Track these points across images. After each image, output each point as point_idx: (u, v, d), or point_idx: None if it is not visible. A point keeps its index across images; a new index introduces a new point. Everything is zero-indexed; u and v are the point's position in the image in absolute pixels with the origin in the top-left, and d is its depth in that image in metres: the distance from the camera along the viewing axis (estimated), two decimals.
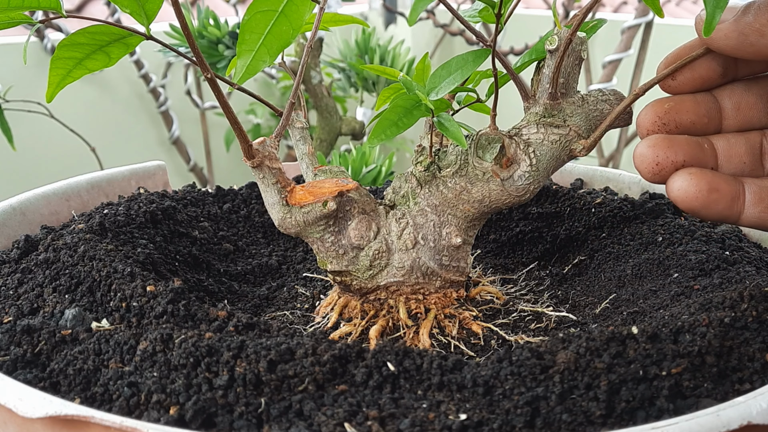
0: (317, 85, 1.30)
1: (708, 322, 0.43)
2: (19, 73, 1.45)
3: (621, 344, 0.41)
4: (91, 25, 0.44)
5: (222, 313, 0.48)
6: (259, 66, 0.45)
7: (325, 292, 0.57)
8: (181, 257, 0.60)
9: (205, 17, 1.19)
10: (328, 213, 0.48)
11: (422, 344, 0.48)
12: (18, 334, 0.45)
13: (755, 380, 0.40)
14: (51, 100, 0.46)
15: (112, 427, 0.35)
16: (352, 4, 2.13)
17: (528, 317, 0.53)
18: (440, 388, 0.40)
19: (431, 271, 0.50)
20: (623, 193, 0.72)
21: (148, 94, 1.72)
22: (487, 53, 0.48)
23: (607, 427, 0.37)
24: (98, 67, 0.46)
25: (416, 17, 0.43)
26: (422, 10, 0.43)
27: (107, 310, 0.49)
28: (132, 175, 0.74)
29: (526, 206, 0.69)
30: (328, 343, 0.42)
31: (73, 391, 0.41)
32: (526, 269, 0.63)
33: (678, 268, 0.54)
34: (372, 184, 0.96)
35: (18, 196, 0.64)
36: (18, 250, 0.57)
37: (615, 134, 1.72)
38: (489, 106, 0.50)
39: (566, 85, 0.49)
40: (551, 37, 0.48)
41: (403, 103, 0.47)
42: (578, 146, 0.49)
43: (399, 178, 0.52)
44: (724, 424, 0.34)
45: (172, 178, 0.78)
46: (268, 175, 0.47)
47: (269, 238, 0.70)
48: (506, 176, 0.49)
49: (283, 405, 0.38)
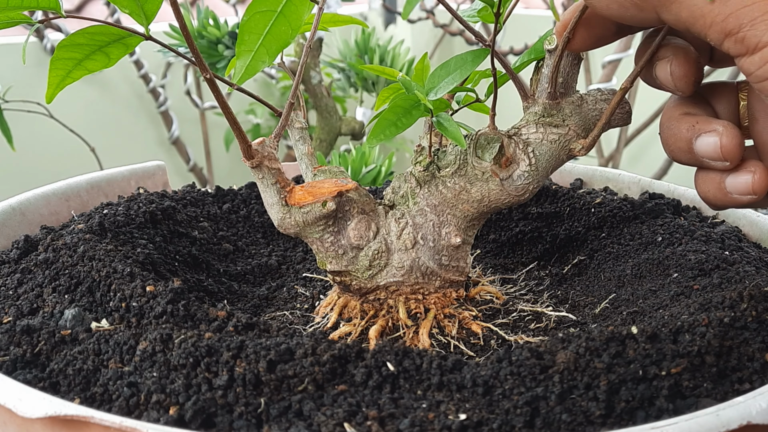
0: (317, 85, 1.30)
1: (707, 322, 0.43)
2: (19, 74, 1.45)
3: (620, 344, 0.41)
4: (90, 25, 0.44)
5: (221, 313, 0.48)
6: (258, 66, 0.45)
7: (325, 292, 0.57)
8: (180, 257, 0.60)
9: (204, 17, 1.19)
10: (328, 213, 0.48)
11: (422, 344, 0.48)
12: (18, 334, 0.45)
13: (755, 380, 0.40)
14: (51, 101, 0.46)
15: (112, 427, 0.35)
16: (352, 4, 2.13)
17: (528, 317, 0.53)
18: (440, 388, 0.40)
19: (431, 271, 0.50)
20: (623, 193, 0.72)
21: (147, 94, 1.72)
22: (486, 53, 0.48)
23: (606, 427, 0.37)
24: (98, 67, 0.46)
25: (410, 11, 0.44)
26: (416, 4, 0.43)
27: (107, 310, 0.49)
28: (132, 175, 0.74)
29: (525, 206, 0.69)
30: (327, 343, 0.42)
31: (72, 392, 0.41)
32: (525, 269, 0.63)
33: (677, 268, 0.54)
34: (371, 184, 0.96)
35: (18, 197, 0.64)
36: (18, 250, 0.57)
37: (614, 134, 1.72)
38: (488, 106, 0.50)
39: (565, 85, 0.49)
40: (550, 36, 0.48)
41: (402, 103, 0.47)
42: (577, 146, 0.49)
43: (398, 178, 0.52)
44: (723, 424, 0.34)
45: (171, 178, 0.78)
46: (267, 176, 0.47)
47: (269, 238, 0.70)
48: (505, 176, 0.49)
49: (283, 405, 0.38)
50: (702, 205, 0.67)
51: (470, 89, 0.51)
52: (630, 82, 0.47)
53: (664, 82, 0.46)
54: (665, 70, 0.46)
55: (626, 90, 0.47)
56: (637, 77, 0.48)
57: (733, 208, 0.64)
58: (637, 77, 0.48)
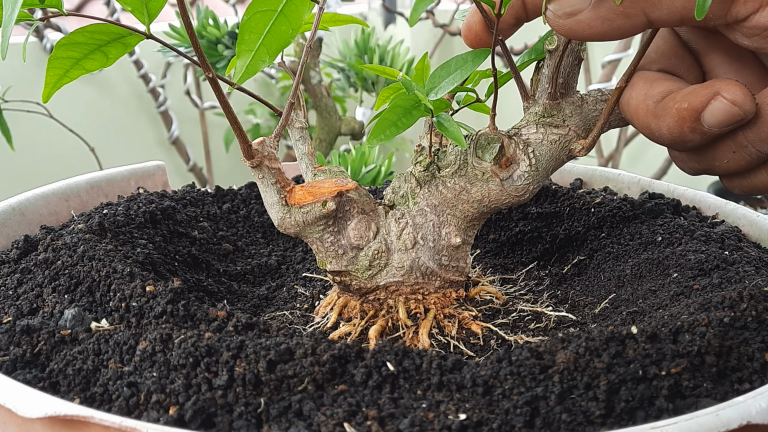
0: (317, 85, 1.30)
1: (707, 322, 0.43)
2: (18, 73, 1.45)
3: (620, 344, 0.41)
4: (90, 24, 0.44)
5: (221, 313, 0.48)
6: (258, 66, 0.44)
7: (325, 292, 0.57)
8: (180, 257, 0.60)
9: (204, 17, 1.19)
10: (328, 213, 0.48)
11: (422, 344, 0.48)
12: (17, 334, 0.45)
13: (755, 380, 0.40)
14: (47, 100, 0.46)
15: (112, 427, 0.35)
16: (352, 4, 2.13)
17: (527, 317, 0.53)
18: (440, 388, 0.40)
19: (430, 271, 0.50)
20: (622, 193, 0.72)
21: (147, 94, 1.72)
22: (486, 53, 0.48)
23: (606, 426, 0.37)
24: (96, 67, 0.46)
25: (417, 18, 0.43)
26: (423, 10, 0.43)
27: (107, 310, 0.49)
28: (131, 175, 0.74)
29: (525, 206, 0.69)
30: (327, 343, 0.42)
31: (72, 391, 0.41)
32: (525, 269, 0.63)
33: (677, 267, 0.54)
34: (371, 184, 0.96)
35: (17, 196, 0.64)
36: (17, 250, 0.57)
37: (614, 134, 1.73)
38: (488, 106, 0.50)
39: (565, 85, 0.49)
40: (550, 37, 0.48)
41: (402, 103, 0.47)
42: (577, 146, 0.49)
43: (398, 178, 0.52)
44: (723, 424, 0.34)
45: (171, 178, 0.78)
46: (267, 176, 0.47)
47: (269, 238, 0.70)
48: (505, 176, 0.49)
49: (283, 405, 0.38)
50: (702, 205, 0.67)
51: (470, 89, 0.51)
52: (625, 81, 0.47)
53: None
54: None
55: (622, 89, 0.47)
56: (632, 76, 0.48)
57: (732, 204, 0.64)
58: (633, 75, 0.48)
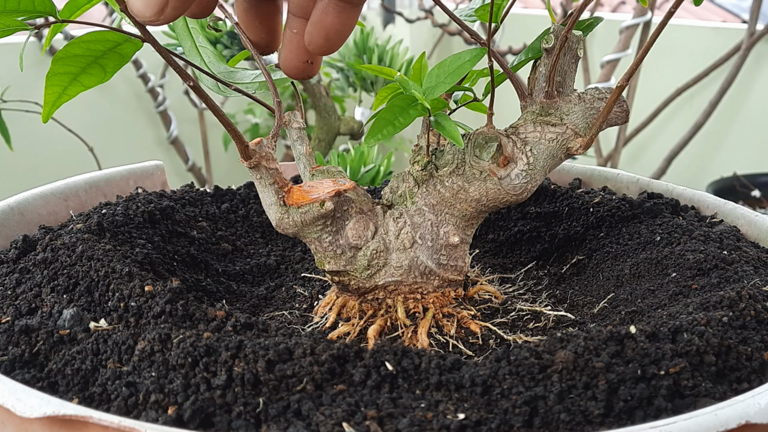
0: (315, 84, 1.30)
1: (706, 322, 0.43)
2: (17, 74, 1.45)
3: (619, 344, 0.41)
4: (86, 32, 0.43)
5: (220, 313, 0.48)
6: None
7: (324, 292, 0.57)
8: (179, 257, 0.60)
9: None
10: (326, 213, 0.48)
11: (420, 344, 0.48)
12: (16, 334, 0.45)
13: (753, 379, 0.40)
14: (47, 120, 0.45)
15: (110, 427, 0.35)
16: None
17: (526, 317, 0.53)
18: (438, 388, 0.40)
19: (429, 270, 0.50)
20: (621, 193, 0.72)
21: (146, 94, 1.72)
22: (483, 52, 0.48)
23: (605, 426, 0.37)
24: (94, 82, 0.45)
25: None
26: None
27: (105, 310, 0.49)
28: (130, 174, 0.74)
29: (524, 206, 0.69)
30: (326, 342, 0.42)
31: (71, 391, 0.41)
32: (524, 269, 0.63)
33: (676, 267, 0.54)
34: (370, 184, 0.96)
35: (16, 196, 0.64)
36: (16, 250, 0.57)
37: (613, 134, 1.73)
38: (486, 105, 0.50)
39: (563, 84, 0.49)
40: (547, 35, 0.48)
41: (399, 102, 0.47)
42: (575, 144, 0.49)
43: (396, 177, 0.52)
44: (722, 424, 0.34)
45: (170, 178, 0.78)
46: (265, 176, 0.47)
47: (267, 238, 0.70)
48: (503, 175, 0.49)
49: (282, 405, 0.38)
50: (700, 205, 0.67)
51: (468, 88, 0.51)
52: (626, 80, 0.47)
53: None
54: None
55: (622, 88, 0.47)
56: (632, 75, 0.48)
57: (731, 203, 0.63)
58: (633, 75, 0.48)
